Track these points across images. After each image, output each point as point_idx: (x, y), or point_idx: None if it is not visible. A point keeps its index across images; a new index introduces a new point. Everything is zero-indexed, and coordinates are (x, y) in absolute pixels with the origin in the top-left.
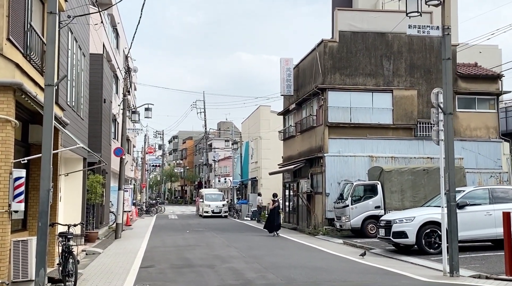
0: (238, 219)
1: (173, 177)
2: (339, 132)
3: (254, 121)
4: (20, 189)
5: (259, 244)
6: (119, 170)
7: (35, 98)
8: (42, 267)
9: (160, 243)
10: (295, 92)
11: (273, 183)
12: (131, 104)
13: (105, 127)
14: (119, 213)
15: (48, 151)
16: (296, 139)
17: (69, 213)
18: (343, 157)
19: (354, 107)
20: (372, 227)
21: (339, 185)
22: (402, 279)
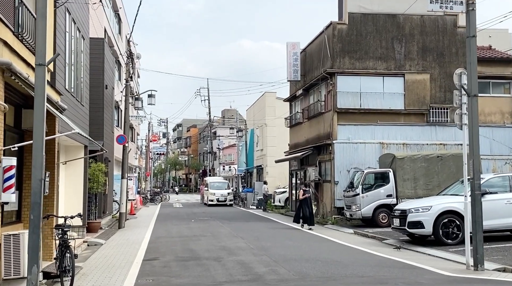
0: (244, 208)
1: (177, 165)
2: (349, 118)
3: (259, 108)
4: (10, 178)
5: (266, 234)
6: (122, 158)
7: (26, 80)
8: (35, 263)
9: (164, 233)
10: (302, 78)
11: (279, 171)
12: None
13: (107, 114)
14: (123, 202)
15: (40, 136)
16: (303, 126)
17: (70, 203)
18: (352, 144)
19: (364, 92)
20: (384, 216)
21: (349, 173)
22: (424, 273)
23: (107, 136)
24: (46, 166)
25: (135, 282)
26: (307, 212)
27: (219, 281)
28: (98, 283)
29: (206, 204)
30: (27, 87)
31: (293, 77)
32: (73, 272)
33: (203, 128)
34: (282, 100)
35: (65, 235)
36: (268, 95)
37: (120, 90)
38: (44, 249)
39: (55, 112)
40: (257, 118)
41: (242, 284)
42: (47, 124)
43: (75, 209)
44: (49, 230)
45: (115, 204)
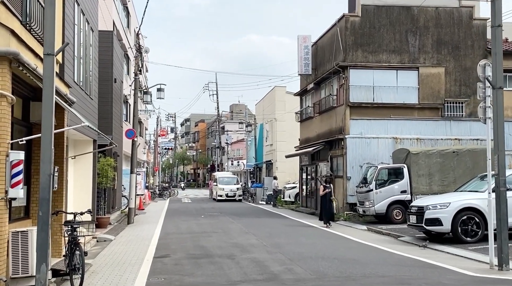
0: (253, 203)
1: (185, 160)
2: (361, 112)
3: (268, 102)
4: (18, 173)
5: (278, 231)
6: (131, 153)
7: (34, 71)
8: (43, 262)
9: (174, 229)
10: (313, 71)
11: (289, 166)
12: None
13: (116, 108)
14: (132, 197)
15: (48, 129)
16: (314, 120)
17: (79, 198)
18: (365, 139)
19: (377, 86)
20: (398, 212)
21: (361, 168)
22: (446, 273)
23: (116, 130)
24: (54, 160)
25: (146, 280)
26: (327, 208)
27: (233, 280)
28: (109, 281)
29: (215, 199)
30: (35, 78)
31: (304, 71)
32: (83, 270)
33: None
34: (293, 94)
35: (75, 232)
36: (278, 90)
37: (129, 84)
38: (53, 246)
39: (64, 105)
40: (266, 113)
41: (258, 283)
42: (56, 117)
43: (84, 205)
44: (58, 226)
45: (124, 199)
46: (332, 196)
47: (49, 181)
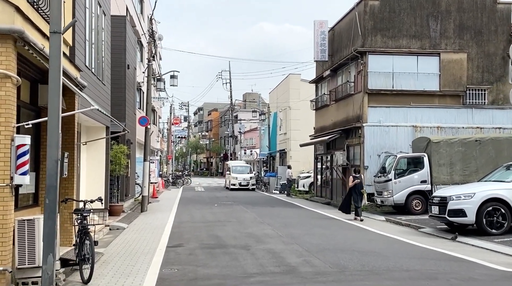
0: (266, 192)
1: (198, 148)
2: (380, 100)
3: (282, 90)
4: (23, 158)
5: (293, 221)
6: (144, 140)
7: (42, 51)
8: (50, 252)
9: (188, 217)
10: (329, 58)
11: (303, 155)
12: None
13: (129, 95)
14: (145, 185)
15: (55, 112)
16: (330, 108)
17: (92, 185)
18: (383, 127)
19: (397, 73)
20: (417, 203)
21: (379, 158)
22: (475, 267)
23: (129, 118)
24: (65, 146)
25: (159, 271)
26: (357, 200)
27: (249, 272)
28: (120, 272)
29: (228, 188)
30: (42, 59)
31: (320, 57)
32: (93, 261)
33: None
34: (308, 82)
35: (85, 221)
36: (292, 77)
37: (142, 71)
38: (63, 234)
39: (74, 88)
40: (280, 101)
41: (276, 276)
42: (66, 102)
43: (97, 192)
44: (68, 214)
45: (138, 187)
46: (363, 188)
47: (56, 167)
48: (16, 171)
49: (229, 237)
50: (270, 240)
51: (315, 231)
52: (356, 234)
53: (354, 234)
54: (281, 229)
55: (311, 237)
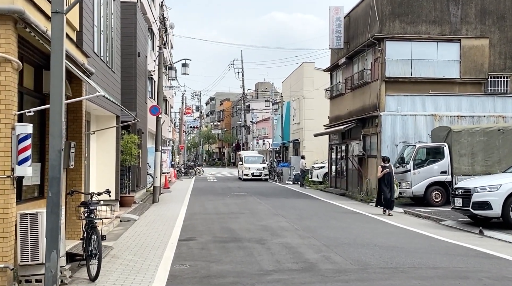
0: (280, 183)
1: (210, 138)
2: (398, 88)
3: (296, 79)
4: (25, 148)
5: (309, 213)
6: (156, 130)
7: (45, 34)
8: (54, 248)
9: (200, 208)
10: (345, 45)
11: (317, 145)
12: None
13: (140, 84)
14: (157, 176)
15: (58, 98)
16: (345, 97)
17: (102, 176)
18: (401, 116)
19: (416, 60)
20: (437, 194)
21: (397, 148)
22: (507, 265)
23: (140, 107)
24: (72, 135)
25: (170, 267)
26: (387, 193)
27: (266, 269)
28: (129, 268)
29: (240, 178)
30: (46, 42)
31: (335, 44)
32: (100, 257)
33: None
34: (323, 70)
35: (92, 214)
36: (306, 66)
37: (153, 59)
38: (71, 227)
39: (80, 75)
40: (293, 90)
41: (294, 274)
42: (73, 89)
43: (107, 183)
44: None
45: (149, 177)
46: (395, 179)
47: (59, 158)
48: (18, 156)
49: (243, 230)
50: (285, 233)
51: (332, 223)
52: (375, 227)
53: (372, 227)
54: (297, 222)
55: (328, 230)
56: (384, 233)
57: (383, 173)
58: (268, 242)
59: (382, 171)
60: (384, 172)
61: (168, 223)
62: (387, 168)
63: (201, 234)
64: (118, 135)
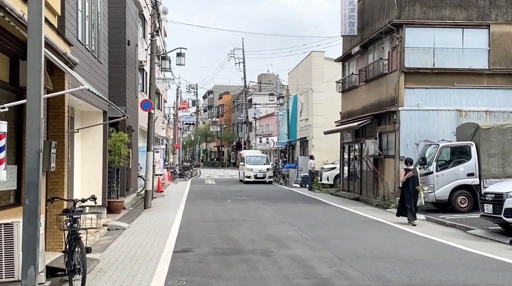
0: (286, 186)
1: (208, 136)
2: (419, 80)
3: (303, 71)
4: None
5: (319, 220)
6: (148, 127)
7: (21, 18)
8: (31, 264)
9: (197, 215)
10: (359, 32)
11: (327, 144)
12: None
13: (130, 75)
14: (149, 179)
15: (35, 92)
16: (359, 90)
17: (88, 180)
18: (423, 111)
19: (439, 48)
20: (463, 199)
21: (417, 147)
22: None
23: (130, 101)
24: (53, 134)
25: (164, 283)
26: (409, 199)
27: None
28: (118, 284)
29: (242, 181)
30: (22, 28)
31: (348, 31)
32: (84, 272)
33: (237, 95)
34: (333, 60)
35: (75, 224)
36: (315, 55)
37: (145, 48)
38: (52, 237)
39: (62, 65)
40: (301, 83)
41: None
42: (54, 82)
43: (93, 187)
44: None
45: (140, 180)
46: (419, 184)
47: (38, 160)
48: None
49: (246, 240)
50: (294, 244)
51: (345, 232)
52: (394, 237)
53: (392, 237)
54: (306, 230)
55: (342, 240)
56: (405, 243)
57: (406, 177)
58: (274, 254)
59: (405, 174)
60: (408, 176)
61: (162, 231)
62: (411, 171)
63: (198, 244)
64: (105, 133)
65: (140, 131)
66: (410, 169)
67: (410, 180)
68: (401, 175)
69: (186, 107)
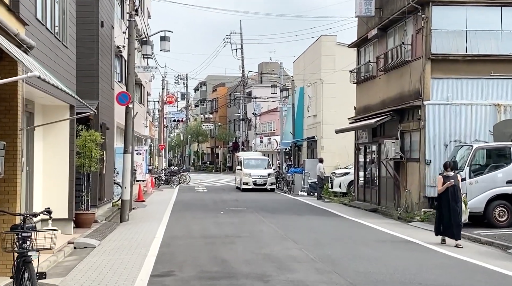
0: (290, 194)
1: (200, 135)
2: (448, 68)
3: (312, 58)
4: None
5: (329, 236)
6: (125, 125)
7: None
8: None
9: (183, 230)
10: (377, 12)
11: (339, 145)
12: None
13: (104, 63)
14: (126, 186)
15: None
16: (377, 81)
17: (50, 188)
18: (453, 106)
19: (472, 31)
20: (501, 211)
21: (447, 148)
22: None
23: (104, 94)
24: (3, 133)
25: None
26: (448, 214)
27: None
28: None
29: (239, 188)
30: None
31: (364, 11)
32: None
33: (234, 87)
34: (347, 45)
35: (25, 244)
36: (325, 40)
37: (122, 31)
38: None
39: (11, 48)
40: (308, 73)
41: None
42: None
43: (58, 197)
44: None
45: (117, 187)
46: (464, 194)
47: None
48: None
49: (240, 261)
50: (297, 266)
51: (361, 252)
52: (420, 257)
53: (416, 257)
54: (313, 249)
55: (356, 261)
56: (432, 265)
57: (446, 186)
58: (273, 279)
59: (444, 183)
60: (448, 185)
61: (139, 250)
62: (451, 178)
63: (182, 267)
64: (72, 132)
65: (118, 130)
66: (450, 175)
67: (449, 190)
68: (439, 184)
69: (173, 102)
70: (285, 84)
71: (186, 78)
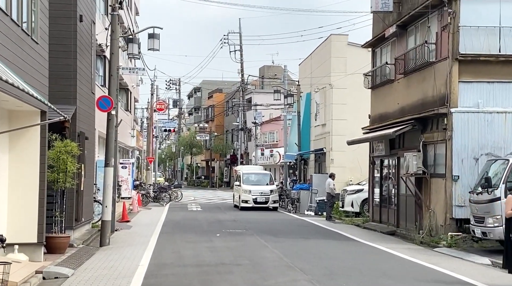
0: (295, 214)
1: (194, 147)
2: (479, 71)
3: (320, 60)
4: None
5: (342, 264)
6: (106, 134)
7: None
8: None
9: (172, 256)
10: (395, 7)
11: (351, 158)
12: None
13: (83, 63)
14: (107, 205)
15: None
16: (395, 86)
17: (18, 207)
18: (484, 114)
19: (507, 27)
20: None
21: (477, 163)
22: None
23: (83, 99)
24: None
25: None
26: None
27: None
28: None
29: (237, 207)
30: None
31: (381, 6)
32: None
33: (232, 94)
34: (360, 46)
35: None
36: (336, 40)
37: (105, 27)
38: None
39: None
40: (316, 76)
41: None
42: None
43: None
44: None
45: (98, 205)
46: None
47: None
48: None
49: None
50: None
51: (380, 284)
52: None
53: None
54: (325, 281)
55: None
56: None
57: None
58: None
59: None
60: None
61: (119, 282)
62: None
63: None
64: (44, 142)
65: (100, 140)
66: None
67: None
68: (508, 206)
69: (164, 109)
70: (289, 89)
71: (179, 83)
